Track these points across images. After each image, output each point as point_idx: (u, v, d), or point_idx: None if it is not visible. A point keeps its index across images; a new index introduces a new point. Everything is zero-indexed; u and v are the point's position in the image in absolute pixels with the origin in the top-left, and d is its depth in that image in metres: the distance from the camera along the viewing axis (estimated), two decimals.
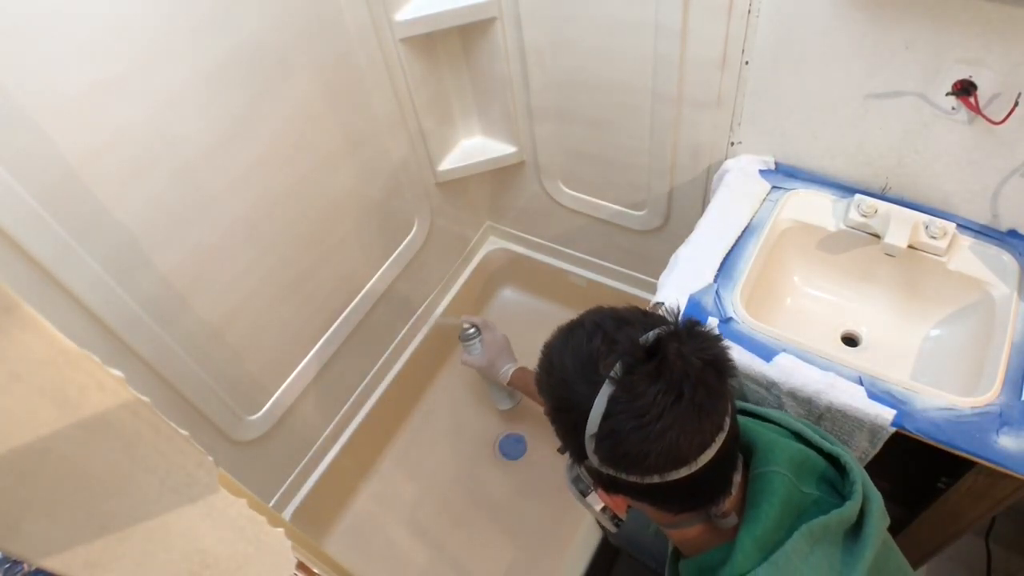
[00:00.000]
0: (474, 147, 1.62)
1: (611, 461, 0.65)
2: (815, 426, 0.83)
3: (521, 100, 1.46)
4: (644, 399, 0.62)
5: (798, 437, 0.80)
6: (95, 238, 0.93)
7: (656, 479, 0.64)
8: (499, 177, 1.70)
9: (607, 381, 0.63)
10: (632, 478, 0.65)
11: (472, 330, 1.57)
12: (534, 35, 1.30)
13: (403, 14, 1.28)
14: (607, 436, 0.64)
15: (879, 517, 0.71)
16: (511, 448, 1.75)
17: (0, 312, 0.31)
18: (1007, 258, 1.06)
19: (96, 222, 0.93)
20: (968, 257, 1.07)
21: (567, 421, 0.68)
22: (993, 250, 1.07)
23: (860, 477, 0.73)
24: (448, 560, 1.60)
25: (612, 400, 0.63)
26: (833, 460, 0.77)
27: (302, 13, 1.11)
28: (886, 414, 0.91)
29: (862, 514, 0.71)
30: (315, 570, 0.67)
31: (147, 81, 0.93)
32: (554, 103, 1.42)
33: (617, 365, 0.63)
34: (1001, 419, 0.90)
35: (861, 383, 0.95)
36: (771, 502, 0.69)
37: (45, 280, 0.89)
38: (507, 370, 1.49)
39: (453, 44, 1.41)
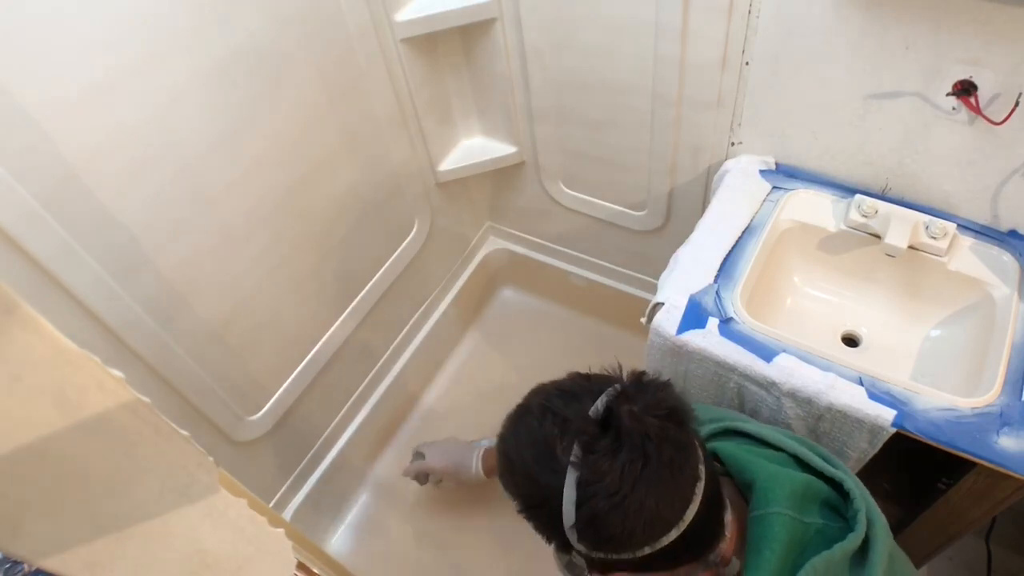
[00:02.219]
0: (474, 147, 1.62)
1: (597, 546, 0.63)
2: (814, 444, 0.81)
3: (521, 100, 1.46)
4: (612, 475, 0.59)
5: (798, 461, 0.78)
6: (95, 238, 0.93)
7: (647, 550, 0.62)
8: (499, 177, 1.70)
9: (570, 467, 0.60)
10: (624, 555, 0.63)
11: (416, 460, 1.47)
12: (534, 36, 1.30)
13: (403, 14, 1.28)
14: (587, 524, 0.61)
15: (884, 539, 0.69)
16: None
17: (0, 312, 0.31)
18: (1007, 258, 1.06)
19: (96, 222, 0.93)
20: (968, 257, 1.07)
21: (542, 516, 0.65)
22: (994, 250, 1.07)
23: (863, 503, 0.71)
24: (448, 560, 1.60)
25: (580, 485, 0.60)
26: (834, 482, 0.75)
27: (302, 13, 1.11)
28: (886, 415, 0.91)
29: (867, 539, 0.69)
30: (315, 570, 0.67)
31: (147, 81, 0.93)
32: (554, 103, 1.42)
33: (575, 447, 0.61)
34: (1002, 419, 0.90)
35: (861, 383, 0.95)
36: (772, 548, 0.67)
37: (45, 280, 0.89)
38: (476, 458, 1.36)
39: (453, 44, 1.41)
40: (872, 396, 0.93)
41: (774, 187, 1.20)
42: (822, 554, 0.66)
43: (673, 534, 0.61)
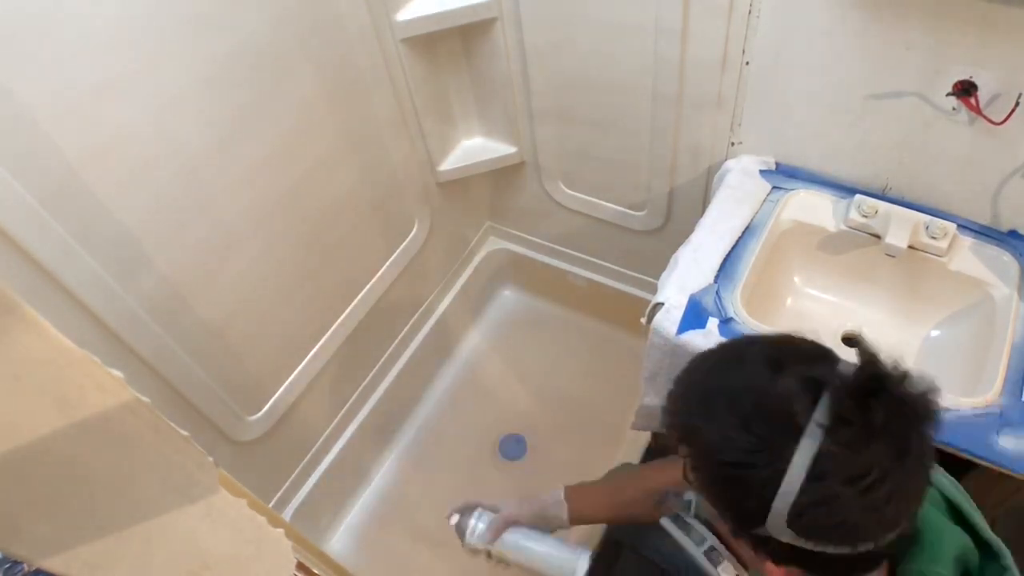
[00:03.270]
0: (474, 147, 1.62)
1: (812, 533, 0.51)
2: (964, 491, 0.69)
3: (521, 100, 1.46)
4: (865, 456, 0.49)
5: (952, 509, 0.67)
6: (95, 238, 0.93)
7: (864, 548, 0.52)
8: (499, 177, 1.70)
9: (814, 429, 0.49)
10: (840, 550, 0.52)
11: (461, 517, 1.08)
12: (535, 36, 1.30)
13: (404, 14, 1.28)
14: (815, 504, 0.50)
15: None
16: (511, 449, 1.75)
17: (0, 312, 0.31)
18: (1007, 259, 1.06)
19: (97, 222, 0.93)
20: (968, 258, 1.07)
21: (741, 481, 0.53)
22: (994, 251, 1.07)
23: (1011, 562, 0.63)
24: (448, 560, 1.60)
25: (821, 457, 0.49)
26: (979, 542, 0.65)
27: (303, 14, 1.11)
28: None
29: None
30: (315, 570, 0.67)
31: (147, 82, 0.93)
32: (554, 104, 1.42)
33: (822, 410, 0.50)
34: (1002, 419, 0.90)
35: None
36: None
37: (45, 280, 0.89)
38: (555, 496, 1.03)
39: (454, 44, 1.41)
40: None
41: (774, 187, 1.20)
42: None
43: (887, 538, 0.52)
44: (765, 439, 0.51)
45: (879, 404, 0.49)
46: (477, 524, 1.06)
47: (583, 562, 0.98)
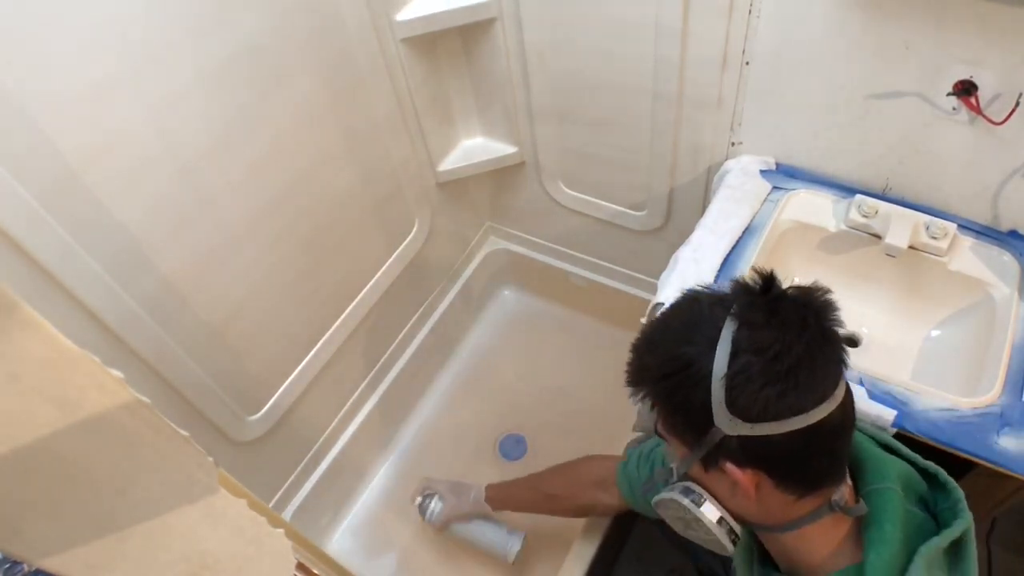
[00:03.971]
0: (474, 147, 1.62)
1: (743, 410, 0.60)
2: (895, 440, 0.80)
3: (522, 100, 1.46)
4: (768, 330, 0.60)
5: (890, 450, 0.77)
6: (96, 238, 0.93)
7: (788, 426, 0.60)
8: (500, 177, 1.70)
9: (728, 319, 0.61)
10: (766, 429, 0.60)
11: (421, 500, 1.47)
12: (535, 35, 1.30)
13: (403, 14, 1.28)
14: (737, 376, 0.60)
15: (974, 533, 0.68)
16: (511, 449, 1.75)
17: (0, 312, 0.31)
18: (1008, 259, 1.06)
19: (96, 222, 0.93)
20: (969, 258, 1.07)
21: (686, 382, 0.63)
22: (994, 251, 1.07)
23: (959, 491, 0.70)
24: (448, 561, 1.60)
25: (737, 338, 0.60)
26: (926, 474, 0.74)
27: (303, 13, 1.11)
28: (887, 415, 0.91)
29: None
30: (315, 570, 0.67)
31: (147, 81, 0.93)
32: (555, 103, 1.42)
33: (735, 306, 0.62)
34: (1002, 420, 0.90)
35: (862, 384, 0.95)
36: (892, 521, 0.66)
37: (45, 280, 0.89)
38: (477, 495, 1.37)
39: (454, 44, 1.41)
40: (872, 396, 0.93)
41: (774, 187, 1.20)
42: (933, 542, 0.65)
43: (814, 415, 0.60)
44: (696, 342, 0.63)
45: (775, 296, 0.62)
46: (435, 507, 1.43)
47: (515, 543, 1.39)
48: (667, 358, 0.65)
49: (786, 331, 0.60)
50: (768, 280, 0.63)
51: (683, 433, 0.67)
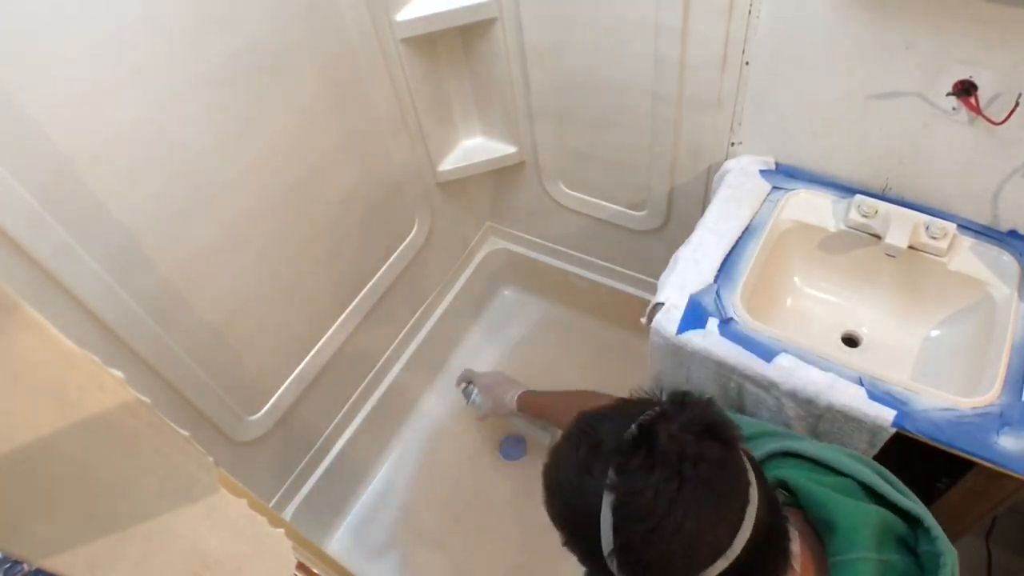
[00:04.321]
0: (475, 147, 1.62)
1: (642, 571, 0.58)
2: (879, 467, 0.77)
3: (522, 100, 1.46)
4: (646, 496, 0.56)
5: (864, 488, 0.74)
6: (95, 238, 0.93)
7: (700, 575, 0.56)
8: (500, 177, 1.70)
9: (605, 491, 0.57)
10: None
11: (465, 386, 1.61)
12: (535, 36, 1.30)
13: (404, 14, 1.28)
14: (623, 550, 0.57)
15: (958, 569, 0.67)
16: (511, 449, 1.75)
17: (0, 312, 0.31)
18: (1007, 259, 1.06)
19: (96, 222, 0.93)
20: (969, 258, 1.07)
21: (583, 545, 0.61)
22: (994, 251, 1.07)
23: (945, 543, 0.68)
24: (448, 561, 1.60)
25: (616, 509, 0.57)
26: (904, 512, 0.72)
27: (303, 13, 1.11)
28: (886, 415, 0.91)
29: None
30: (315, 570, 0.67)
31: (147, 82, 0.93)
32: (555, 104, 1.42)
33: (609, 470, 0.58)
34: (1002, 419, 0.90)
35: (861, 384, 0.95)
36: None
37: (45, 280, 0.89)
38: (511, 397, 1.45)
39: (454, 44, 1.41)
40: (872, 396, 0.93)
41: (774, 187, 1.20)
42: None
43: (720, 564, 0.56)
44: (582, 509, 0.59)
45: (646, 448, 0.57)
46: (475, 399, 1.57)
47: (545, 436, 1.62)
48: (563, 519, 0.64)
49: (663, 491, 0.55)
50: (641, 432, 0.58)
51: (592, 572, 0.65)
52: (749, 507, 0.57)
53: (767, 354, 0.98)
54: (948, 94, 0.97)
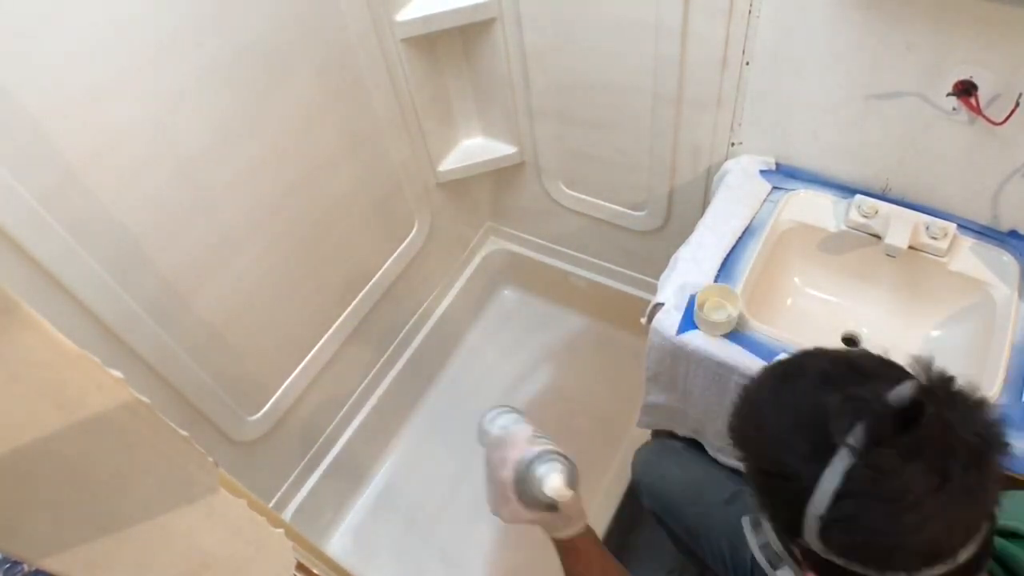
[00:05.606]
0: (475, 147, 1.62)
1: (841, 550, 0.52)
2: None
3: (522, 101, 1.46)
4: (897, 480, 0.49)
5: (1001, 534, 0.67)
6: (95, 238, 0.93)
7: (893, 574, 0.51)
8: (500, 178, 1.70)
9: (843, 450, 0.50)
10: (869, 572, 0.52)
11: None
12: (535, 36, 1.30)
13: (404, 14, 1.28)
14: (841, 521, 0.51)
15: None
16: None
17: (0, 312, 0.31)
18: (1008, 259, 1.06)
19: (96, 222, 0.93)
20: (969, 258, 1.07)
21: (781, 491, 0.55)
22: (994, 251, 1.07)
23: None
24: (448, 561, 1.60)
25: (850, 477, 0.50)
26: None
27: (303, 13, 1.11)
28: None
29: None
30: (315, 570, 0.67)
31: (147, 82, 0.93)
32: (555, 104, 1.42)
33: (859, 431, 0.50)
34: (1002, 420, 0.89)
35: None
36: None
37: (45, 280, 0.89)
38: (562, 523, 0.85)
39: (454, 44, 1.41)
40: None
41: (774, 187, 1.20)
42: None
43: (937, 569, 0.51)
44: (801, 454, 0.53)
45: (919, 431, 0.50)
46: (497, 417, 0.92)
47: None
48: (766, 454, 0.57)
49: (920, 481, 0.49)
50: (920, 405, 0.51)
51: (770, 519, 0.60)
52: (987, 523, 0.53)
53: (767, 354, 0.98)
54: (948, 94, 0.97)
